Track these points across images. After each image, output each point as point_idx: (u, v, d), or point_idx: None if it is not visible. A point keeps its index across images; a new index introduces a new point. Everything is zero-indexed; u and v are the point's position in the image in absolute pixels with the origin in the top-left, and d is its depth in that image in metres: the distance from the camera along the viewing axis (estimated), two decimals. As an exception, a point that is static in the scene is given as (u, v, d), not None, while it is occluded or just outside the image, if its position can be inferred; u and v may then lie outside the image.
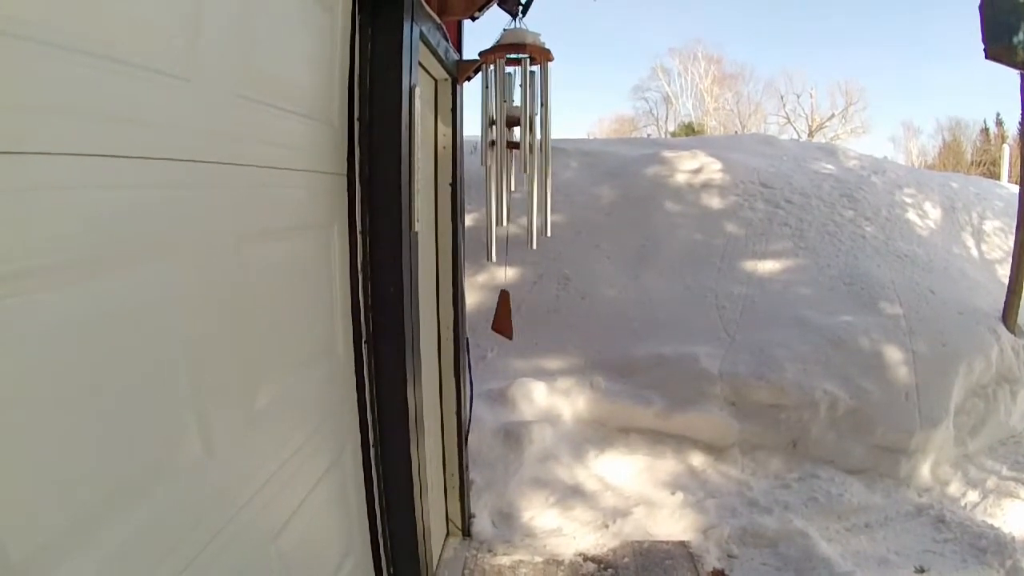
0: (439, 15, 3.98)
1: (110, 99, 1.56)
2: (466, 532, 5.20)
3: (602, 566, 4.92)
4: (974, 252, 10.45)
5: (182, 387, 1.88)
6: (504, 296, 4.79)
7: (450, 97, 4.56)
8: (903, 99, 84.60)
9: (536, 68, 4.02)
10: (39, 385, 1.38)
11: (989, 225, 11.22)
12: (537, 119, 4.06)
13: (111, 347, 1.60)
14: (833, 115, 54.42)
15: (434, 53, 3.88)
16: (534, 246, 4.25)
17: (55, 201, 1.42)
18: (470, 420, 5.13)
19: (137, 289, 1.70)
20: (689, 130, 47.97)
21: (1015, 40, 7.28)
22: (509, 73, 4.08)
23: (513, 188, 4.26)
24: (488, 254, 4.35)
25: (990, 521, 5.65)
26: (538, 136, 4.07)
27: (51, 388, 1.41)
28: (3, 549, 1.29)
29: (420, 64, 3.66)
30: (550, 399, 6.90)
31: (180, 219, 1.87)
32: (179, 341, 1.87)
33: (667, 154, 11.31)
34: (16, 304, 1.32)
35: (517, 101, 4.08)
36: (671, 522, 5.52)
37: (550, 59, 4.01)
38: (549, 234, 4.28)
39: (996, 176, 23.50)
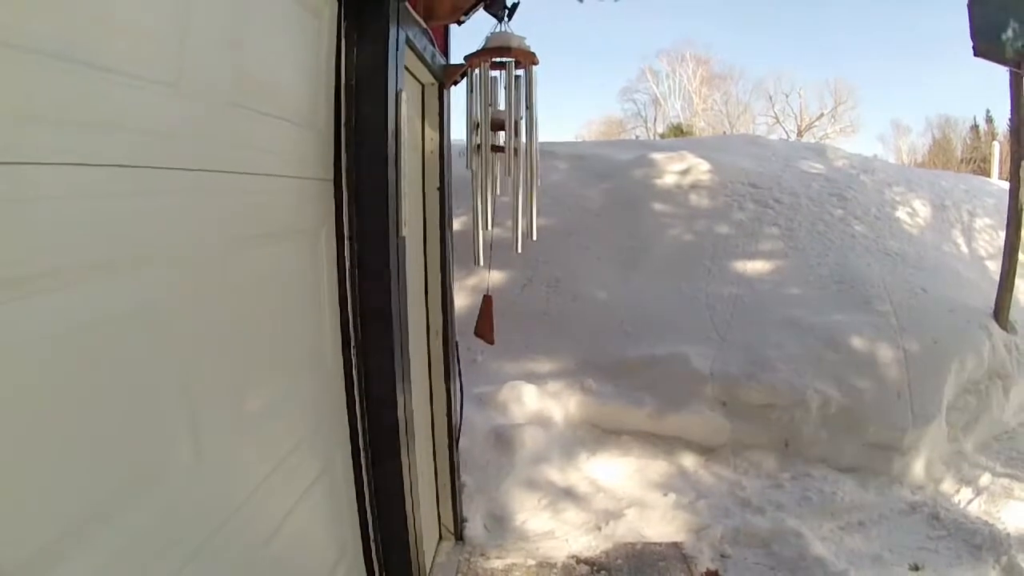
0: (425, 20, 3.98)
1: (96, 106, 1.56)
2: (458, 536, 5.20)
3: (595, 568, 4.92)
4: (964, 249, 10.48)
5: (171, 393, 1.88)
6: (487, 301, 4.78)
7: (437, 101, 4.57)
8: (892, 97, 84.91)
9: (521, 72, 4.01)
10: (30, 391, 1.39)
11: (979, 222, 11.24)
12: (523, 123, 4.06)
13: (100, 354, 1.60)
14: (822, 114, 54.66)
15: (420, 58, 3.88)
16: (519, 250, 4.25)
17: (43, 210, 1.42)
18: (461, 423, 5.14)
19: (124, 296, 1.70)
20: (678, 131, 48.04)
21: (1004, 37, 7.32)
22: (494, 77, 4.08)
23: (498, 192, 4.25)
24: (475, 258, 4.36)
25: (984, 518, 5.66)
26: (523, 140, 4.07)
27: (41, 394, 1.42)
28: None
29: (407, 69, 3.66)
30: (541, 401, 6.90)
31: (166, 226, 1.86)
32: (167, 347, 1.86)
33: (656, 156, 11.31)
34: (8, 311, 1.32)
35: (503, 105, 4.08)
36: (664, 523, 5.52)
37: (535, 63, 4.01)
38: (535, 238, 4.27)
39: (986, 173, 23.52)
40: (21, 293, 1.36)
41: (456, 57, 4.76)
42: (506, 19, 4.14)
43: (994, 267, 9.17)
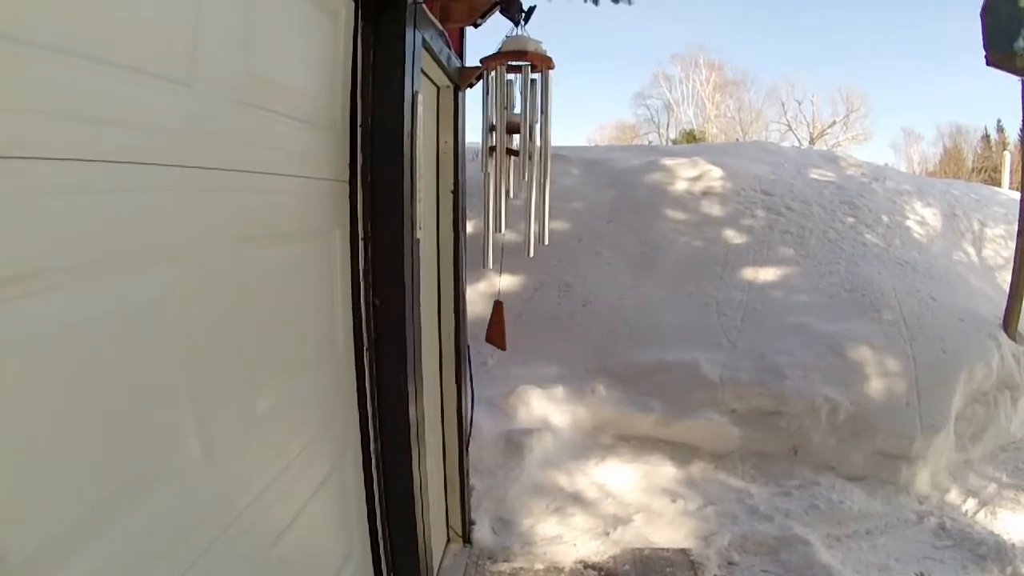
0: (441, 22, 3.99)
1: (109, 103, 1.57)
2: (466, 539, 5.20)
3: (603, 573, 4.92)
4: (975, 259, 10.46)
5: (182, 392, 1.89)
6: (498, 306, 4.77)
7: (452, 104, 4.57)
8: (904, 106, 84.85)
9: (537, 76, 4.02)
10: (37, 389, 1.39)
11: (990, 232, 11.23)
12: (537, 127, 4.06)
13: (110, 351, 1.60)
14: (834, 122, 54.64)
15: (436, 60, 3.89)
16: (531, 254, 4.25)
17: (52, 205, 1.42)
18: (471, 427, 5.13)
19: (136, 293, 1.70)
20: (690, 137, 48.00)
21: (1016, 47, 7.30)
22: (510, 80, 4.08)
23: (512, 195, 4.25)
24: (484, 261, 4.35)
25: (990, 528, 5.66)
26: (537, 143, 4.08)
27: (49, 392, 1.42)
28: (2, 551, 1.29)
29: (422, 71, 3.67)
30: (551, 406, 6.90)
31: (180, 224, 1.88)
32: (179, 346, 1.87)
33: (668, 161, 11.30)
34: (12, 308, 1.32)
35: (518, 108, 4.08)
36: (671, 529, 5.51)
37: (551, 67, 4.01)
38: (547, 242, 4.27)
39: (997, 183, 23.49)
40: (27, 290, 1.36)
41: (471, 60, 4.77)
42: (522, 23, 4.14)
43: (1004, 277, 9.16)
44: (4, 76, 1.28)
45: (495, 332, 4.79)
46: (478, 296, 8.01)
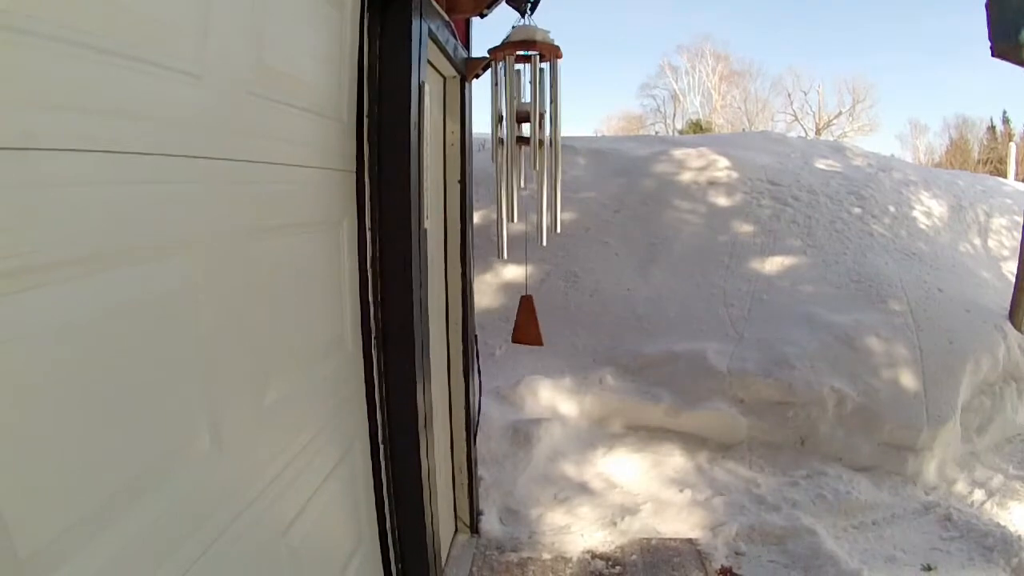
0: (448, 13, 3.98)
1: (120, 95, 1.57)
2: (474, 529, 5.22)
3: (610, 563, 4.93)
4: (981, 250, 10.45)
5: (191, 383, 1.89)
6: (526, 301, 4.72)
7: (459, 94, 4.57)
8: (910, 97, 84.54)
9: (545, 65, 4.02)
10: (48, 380, 1.39)
11: (996, 223, 11.22)
12: (547, 116, 4.06)
13: (121, 343, 1.61)
14: (840, 113, 54.55)
15: (443, 51, 3.89)
16: (544, 243, 4.25)
17: (64, 197, 1.42)
18: (479, 417, 5.14)
19: (146, 285, 1.71)
20: (697, 127, 47.94)
21: (1021, 38, 7.29)
22: (518, 70, 4.08)
23: (523, 185, 4.25)
24: (499, 252, 4.35)
25: (997, 519, 5.66)
26: (547, 133, 4.07)
27: (60, 383, 1.42)
28: (12, 543, 1.29)
29: (429, 62, 3.67)
30: (558, 397, 6.91)
31: (189, 215, 1.88)
32: (188, 337, 1.88)
33: (675, 152, 11.28)
34: (24, 299, 1.32)
35: (527, 98, 4.08)
36: (679, 519, 5.52)
37: (559, 56, 4.00)
38: (559, 231, 4.28)
39: (1003, 174, 23.43)
40: (38, 282, 1.36)
41: (478, 50, 4.77)
42: (528, 12, 4.14)
43: (1010, 268, 9.16)
44: (14, 68, 1.29)
45: (526, 330, 4.70)
46: (485, 287, 8.03)
